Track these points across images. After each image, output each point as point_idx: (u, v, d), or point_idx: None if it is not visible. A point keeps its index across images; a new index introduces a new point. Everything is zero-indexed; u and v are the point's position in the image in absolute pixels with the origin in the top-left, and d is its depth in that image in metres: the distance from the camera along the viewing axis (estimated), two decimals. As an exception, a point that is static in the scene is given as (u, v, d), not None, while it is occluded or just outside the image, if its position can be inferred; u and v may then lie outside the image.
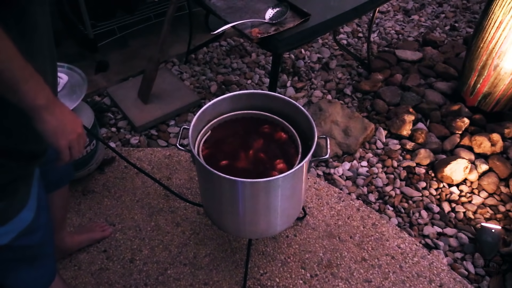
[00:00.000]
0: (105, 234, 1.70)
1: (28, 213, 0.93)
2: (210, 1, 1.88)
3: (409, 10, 3.31)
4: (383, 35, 3.01)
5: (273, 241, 1.73)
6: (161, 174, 1.96)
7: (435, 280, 1.62)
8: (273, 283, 1.60)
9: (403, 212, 1.89)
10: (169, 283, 1.59)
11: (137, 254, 1.66)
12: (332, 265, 1.66)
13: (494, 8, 1.97)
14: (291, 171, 1.15)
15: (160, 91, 2.32)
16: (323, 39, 2.91)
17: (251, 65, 2.65)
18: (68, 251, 1.64)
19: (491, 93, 2.16)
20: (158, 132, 2.20)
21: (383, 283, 1.61)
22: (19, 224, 0.91)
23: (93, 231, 1.69)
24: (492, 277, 1.65)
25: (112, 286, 1.57)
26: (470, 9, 3.35)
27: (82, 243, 1.66)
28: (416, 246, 1.73)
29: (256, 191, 1.23)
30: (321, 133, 2.11)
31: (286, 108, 1.39)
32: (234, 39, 2.84)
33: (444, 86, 2.45)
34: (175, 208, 1.83)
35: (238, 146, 1.35)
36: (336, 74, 2.63)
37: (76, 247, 1.65)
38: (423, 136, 2.16)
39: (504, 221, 1.84)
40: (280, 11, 1.68)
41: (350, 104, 2.42)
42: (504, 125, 2.17)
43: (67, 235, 1.60)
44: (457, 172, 1.96)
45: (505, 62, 2.02)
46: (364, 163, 2.09)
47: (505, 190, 1.96)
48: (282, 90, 2.49)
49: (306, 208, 1.84)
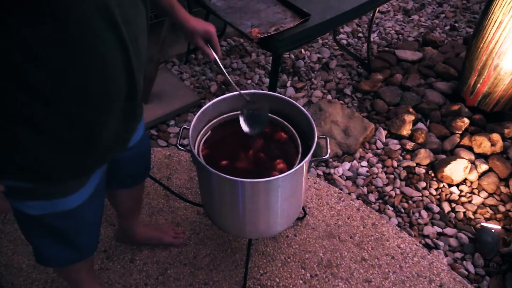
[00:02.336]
0: (174, 241, 1.69)
1: (69, 202, 0.97)
2: (210, 1, 1.88)
3: (409, 10, 3.31)
4: (383, 35, 3.01)
5: (273, 241, 1.73)
6: (161, 174, 1.96)
7: (435, 280, 1.62)
8: (273, 283, 1.60)
9: (403, 212, 1.89)
10: (169, 283, 1.59)
11: (137, 254, 1.66)
12: (332, 265, 1.66)
13: (494, 8, 1.97)
14: (291, 171, 1.15)
15: (160, 91, 2.32)
16: (323, 39, 2.91)
17: (251, 65, 2.65)
18: (135, 241, 1.66)
19: (491, 93, 2.16)
20: (158, 132, 2.20)
21: (383, 283, 1.61)
22: (54, 206, 0.96)
23: (165, 234, 1.68)
24: (492, 277, 1.65)
25: (112, 286, 1.57)
26: (470, 9, 3.35)
27: (150, 240, 1.67)
28: (416, 246, 1.73)
29: (256, 191, 1.23)
30: (321, 133, 2.11)
31: (286, 108, 1.39)
32: (234, 39, 2.84)
33: (444, 86, 2.45)
34: (175, 208, 1.83)
35: (238, 146, 1.35)
36: (336, 74, 2.63)
37: (143, 240, 1.66)
38: (423, 136, 2.16)
39: (504, 221, 1.84)
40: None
41: (350, 104, 2.42)
42: (504, 125, 2.17)
43: (138, 225, 1.62)
44: (457, 172, 1.96)
45: (505, 62, 2.02)
46: (364, 163, 2.09)
47: (505, 190, 1.96)
48: (282, 90, 2.49)
49: (306, 208, 1.84)
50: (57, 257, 1.13)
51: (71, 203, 0.98)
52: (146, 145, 1.28)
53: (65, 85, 0.74)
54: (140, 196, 1.54)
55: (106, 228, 1.74)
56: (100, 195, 1.09)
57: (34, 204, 0.94)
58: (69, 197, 0.96)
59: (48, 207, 0.95)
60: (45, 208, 0.95)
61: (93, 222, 1.12)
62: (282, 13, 1.82)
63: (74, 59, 0.72)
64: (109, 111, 0.85)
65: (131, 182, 1.34)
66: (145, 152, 1.29)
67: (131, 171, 1.27)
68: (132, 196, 1.44)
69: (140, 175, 1.37)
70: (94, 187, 1.02)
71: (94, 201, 1.05)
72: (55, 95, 0.75)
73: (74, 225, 1.05)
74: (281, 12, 1.82)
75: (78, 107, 0.79)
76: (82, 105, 0.79)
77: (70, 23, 0.68)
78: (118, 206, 1.49)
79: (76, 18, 0.68)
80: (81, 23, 0.69)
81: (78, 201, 0.98)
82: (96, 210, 1.11)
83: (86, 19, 0.69)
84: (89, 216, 1.07)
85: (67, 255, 1.13)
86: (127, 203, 1.46)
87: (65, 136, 0.82)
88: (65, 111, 0.78)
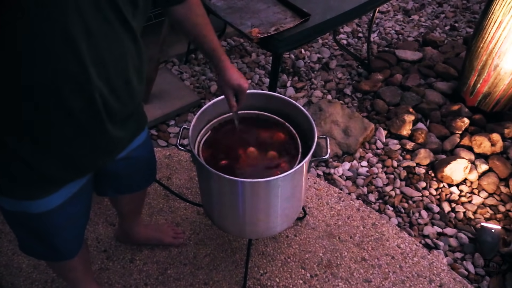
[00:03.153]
0: (174, 241, 1.68)
1: (35, 206, 0.96)
2: (210, 1, 1.88)
3: (409, 10, 3.31)
4: (383, 35, 3.01)
5: (273, 241, 1.73)
6: (161, 174, 1.96)
7: (435, 280, 1.62)
8: (273, 283, 1.60)
9: (403, 212, 1.89)
10: (169, 283, 1.58)
11: (137, 254, 1.66)
12: (332, 265, 1.66)
13: (494, 8, 1.97)
14: (291, 171, 1.15)
15: (160, 91, 2.32)
16: (323, 39, 2.91)
17: (251, 65, 2.64)
18: (135, 241, 1.66)
19: (491, 93, 2.16)
20: (158, 132, 2.20)
21: (383, 283, 1.61)
22: (22, 206, 0.96)
23: (165, 234, 1.68)
24: (492, 277, 1.65)
25: (112, 286, 1.57)
26: (470, 9, 3.35)
27: (150, 240, 1.66)
28: (416, 246, 1.73)
29: (256, 191, 1.23)
30: (321, 133, 2.11)
31: (286, 108, 1.39)
32: (234, 39, 2.84)
33: (444, 86, 2.45)
34: (175, 208, 1.83)
35: (238, 146, 1.35)
36: (336, 74, 2.63)
37: (143, 241, 1.66)
38: (423, 136, 2.16)
39: (504, 221, 1.84)
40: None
41: (350, 104, 2.42)
42: (504, 125, 2.17)
43: (139, 226, 1.62)
44: (457, 172, 1.96)
45: (505, 62, 2.02)
46: (364, 163, 2.09)
47: (505, 190, 1.96)
48: (282, 90, 2.48)
49: (306, 208, 1.84)
50: (34, 251, 1.15)
51: (38, 208, 0.96)
52: (149, 150, 1.26)
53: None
54: (143, 199, 1.53)
55: (106, 228, 1.74)
56: (79, 202, 1.06)
57: (7, 200, 0.96)
58: (36, 201, 0.95)
59: (17, 205, 0.96)
60: (14, 205, 0.96)
61: (68, 227, 1.09)
62: (282, 13, 1.82)
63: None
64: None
65: (136, 187, 1.32)
66: (149, 157, 1.27)
67: (134, 177, 1.25)
68: (135, 199, 1.44)
69: (145, 180, 1.34)
70: (69, 195, 1.00)
71: (69, 208, 1.02)
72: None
73: (44, 228, 1.03)
74: (281, 12, 1.82)
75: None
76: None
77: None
78: (119, 208, 1.49)
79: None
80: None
81: (46, 207, 0.97)
82: (72, 217, 1.07)
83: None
84: (61, 222, 1.05)
85: (42, 251, 1.13)
86: (129, 205, 1.46)
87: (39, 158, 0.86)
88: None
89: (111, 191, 1.26)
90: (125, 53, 0.84)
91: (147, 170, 1.31)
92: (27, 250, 1.16)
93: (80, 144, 0.89)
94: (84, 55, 0.74)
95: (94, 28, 0.74)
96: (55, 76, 0.74)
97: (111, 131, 0.92)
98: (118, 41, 0.81)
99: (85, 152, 0.92)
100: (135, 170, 1.22)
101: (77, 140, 0.88)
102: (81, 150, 0.91)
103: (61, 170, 0.92)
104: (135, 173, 1.24)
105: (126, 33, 0.81)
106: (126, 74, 0.87)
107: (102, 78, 0.80)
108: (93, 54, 0.76)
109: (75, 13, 0.69)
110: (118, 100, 0.88)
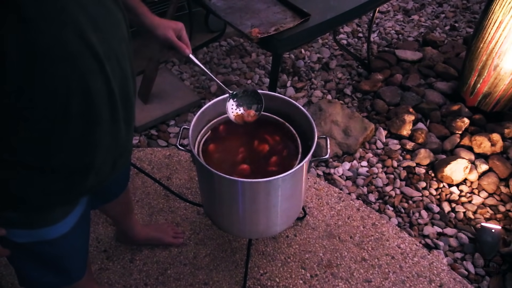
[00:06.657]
0: (174, 241, 1.68)
1: (53, 231, 0.94)
2: (210, 1, 1.88)
3: (409, 10, 3.31)
4: (383, 35, 3.01)
5: (273, 241, 1.73)
6: (161, 174, 1.96)
7: (435, 280, 1.62)
8: (273, 283, 1.60)
9: (403, 212, 1.89)
10: (169, 283, 1.58)
11: (137, 254, 1.66)
12: (332, 265, 1.66)
13: (494, 8, 1.97)
14: (291, 171, 1.15)
15: (160, 91, 2.32)
16: (323, 39, 2.91)
17: (251, 65, 2.64)
18: (135, 242, 1.65)
19: (491, 93, 2.16)
20: (158, 132, 2.20)
21: (383, 283, 1.61)
22: (39, 235, 0.93)
23: (165, 234, 1.68)
24: (492, 277, 1.65)
25: (112, 286, 1.57)
26: (470, 9, 3.35)
27: (150, 240, 1.66)
28: (416, 246, 1.73)
29: (256, 191, 1.23)
30: (321, 133, 2.11)
31: (286, 108, 1.39)
32: (234, 39, 2.84)
33: (444, 86, 2.45)
34: (175, 208, 1.83)
35: (238, 146, 1.35)
36: (336, 74, 2.63)
37: (143, 241, 1.66)
38: (423, 136, 2.16)
39: (504, 221, 1.84)
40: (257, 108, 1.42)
41: (350, 104, 2.42)
42: (504, 125, 2.17)
43: (137, 226, 1.62)
44: (457, 172, 1.96)
45: (505, 62, 2.02)
46: (364, 163, 2.09)
47: (505, 190, 1.96)
48: (282, 90, 2.48)
49: (306, 208, 1.84)
50: (42, 281, 1.08)
51: (56, 232, 0.94)
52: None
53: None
54: (128, 199, 1.51)
55: (106, 228, 1.74)
56: (86, 220, 1.06)
57: (19, 233, 0.91)
58: (55, 225, 0.93)
59: (33, 235, 0.92)
60: (30, 236, 0.92)
61: (80, 247, 1.09)
62: (282, 13, 1.82)
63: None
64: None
65: (113, 196, 1.31)
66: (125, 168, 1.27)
67: (112, 189, 1.25)
68: (119, 203, 1.40)
69: (121, 187, 1.34)
70: (79, 214, 0.99)
71: (80, 227, 1.01)
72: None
73: (59, 252, 1.01)
74: (281, 12, 1.82)
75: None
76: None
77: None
78: (108, 214, 1.49)
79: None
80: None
81: (64, 229, 0.95)
82: (82, 235, 1.07)
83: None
84: (77, 240, 1.04)
85: (51, 280, 1.09)
86: (115, 210, 1.44)
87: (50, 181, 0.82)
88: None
89: (98, 203, 1.26)
90: (118, 22, 0.82)
91: (124, 176, 1.30)
92: (33, 284, 1.10)
93: (103, 149, 0.86)
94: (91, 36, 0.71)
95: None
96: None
97: (123, 131, 0.90)
98: (110, 13, 0.79)
99: (105, 159, 0.88)
100: (116, 181, 1.22)
101: (101, 145, 0.84)
102: (103, 156, 0.87)
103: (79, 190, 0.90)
104: (116, 183, 1.25)
105: (114, 3, 0.80)
106: (121, 39, 0.83)
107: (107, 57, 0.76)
108: (94, 26, 0.73)
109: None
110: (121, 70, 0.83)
